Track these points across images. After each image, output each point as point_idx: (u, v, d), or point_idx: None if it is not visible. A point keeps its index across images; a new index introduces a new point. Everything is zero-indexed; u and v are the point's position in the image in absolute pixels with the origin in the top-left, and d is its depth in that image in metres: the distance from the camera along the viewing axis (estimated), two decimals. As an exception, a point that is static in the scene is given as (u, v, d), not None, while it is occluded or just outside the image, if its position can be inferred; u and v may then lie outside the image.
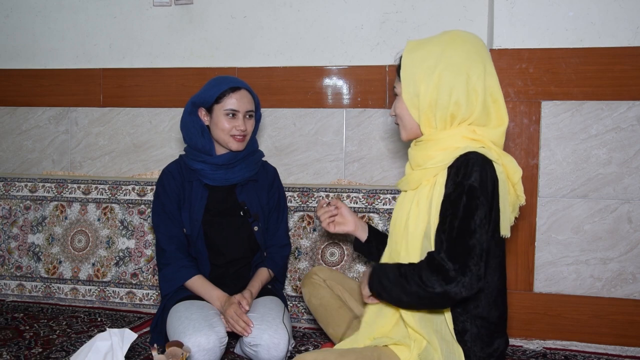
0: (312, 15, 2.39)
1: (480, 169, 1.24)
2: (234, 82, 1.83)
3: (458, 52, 1.31)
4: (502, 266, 1.34)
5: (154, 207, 1.89)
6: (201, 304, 1.75)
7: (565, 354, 1.94)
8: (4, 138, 2.77)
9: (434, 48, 1.33)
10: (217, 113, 1.81)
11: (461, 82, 1.29)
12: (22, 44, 2.71)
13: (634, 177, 1.98)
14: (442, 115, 1.32)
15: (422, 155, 1.36)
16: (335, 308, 1.67)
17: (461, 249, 1.19)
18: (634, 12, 1.95)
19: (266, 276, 1.87)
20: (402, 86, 1.36)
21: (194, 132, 1.84)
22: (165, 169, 1.93)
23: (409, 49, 1.37)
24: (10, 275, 2.49)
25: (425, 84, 1.31)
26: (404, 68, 1.36)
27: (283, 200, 2.01)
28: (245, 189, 1.90)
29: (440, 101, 1.31)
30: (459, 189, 1.24)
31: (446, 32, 1.39)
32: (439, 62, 1.30)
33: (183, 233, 1.85)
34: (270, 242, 1.94)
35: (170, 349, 1.34)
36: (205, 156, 1.84)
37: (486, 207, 1.23)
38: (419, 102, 1.33)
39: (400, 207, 1.42)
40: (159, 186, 1.89)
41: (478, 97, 1.30)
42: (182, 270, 1.80)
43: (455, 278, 1.17)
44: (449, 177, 1.28)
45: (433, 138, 1.34)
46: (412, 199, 1.37)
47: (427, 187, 1.34)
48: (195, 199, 1.85)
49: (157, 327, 1.83)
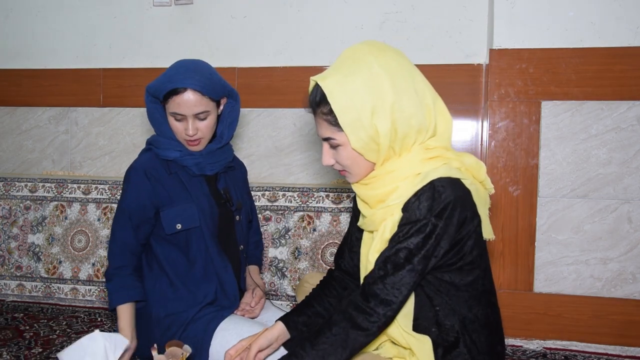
0: (312, 15, 2.39)
1: (452, 199, 1.15)
2: (180, 81, 1.57)
3: (392, 69, 1.19)
4: (487, 268, 1.31)
5: (117, 211, 1.67)
6: (244, 319, 1.65)
7: (565, 354, 1.94)
8: (4, 138, 2.77)
9: (363, 75, 1.18)
10: (167, 112, 1.64)
11: (414, 102, 1.19)
12: (22, 44, 2.71)
13: (634, 177, 1.98)
14: (402, 145, 1.21)
15: (382, 192, 1.24)
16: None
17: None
18: (634, 12, 1.95)
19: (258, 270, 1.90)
20: (348, 136, 1.20)
21: (160, 119, 1.67)
22: (135, 165, 1.68)
23: (332, 92, 1.18)
24: (10, 275, 2.49)
25: (382, 123, 1.18)
26: (343, 116, 1.18)
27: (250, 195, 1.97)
28: (225, 176, 1.78)
29: (400, 132, 1.19)
30: (424, 222, 1.16)
31: (350, 53, 1.23)
32: (382, 91, 1.17)
33: (139, 242, 1.67)
34: (251, 238, 1.94)
35: (170, 349, 1.34)
36: (180, 144, 1.67)
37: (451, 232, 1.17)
38: (378, 145, 1.20)
39: (366, 248, 1.32)
40: (125, 185, 1.67)
41: (430, 108, 1.22)
42: (120, 291, 1.62)
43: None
44: (409, 205, 1.18)
45: (390, 170, 1.23)
46: (376, 235, 1.26)
47: (388, 220, 1.23)
48: (194, 189, 1.68)
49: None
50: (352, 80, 1.18)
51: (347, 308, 1.21)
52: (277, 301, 2.23)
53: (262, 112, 2.47)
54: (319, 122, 1.26)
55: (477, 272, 1.25)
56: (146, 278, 1.69)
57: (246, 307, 1.70)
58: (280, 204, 2.30)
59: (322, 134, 1.26)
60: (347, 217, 2.22)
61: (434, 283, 1.24)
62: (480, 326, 1.26)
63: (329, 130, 1.24)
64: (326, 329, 1.20)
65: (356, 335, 1.18)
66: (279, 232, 2.27)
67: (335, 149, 1.26)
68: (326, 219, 2.24)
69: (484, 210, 1.26)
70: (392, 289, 1.17)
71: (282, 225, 2.28)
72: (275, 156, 2.45)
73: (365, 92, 1.18)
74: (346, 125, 1.19)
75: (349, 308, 1.20)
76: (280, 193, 2.32)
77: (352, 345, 1.19)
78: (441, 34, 2.26)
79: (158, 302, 1.65)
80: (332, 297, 1.46)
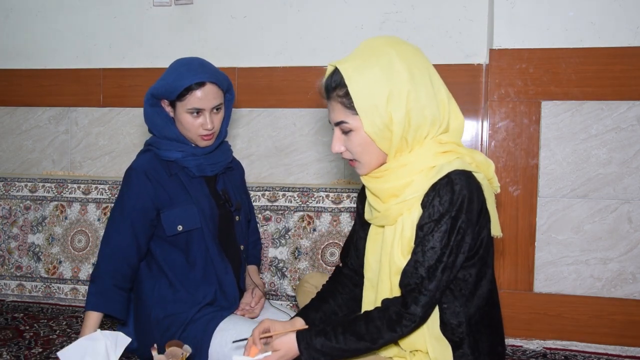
0: (312, 15, 2.39)
1: (467, 191, 1.16)
2: (197, 75, 1.57)
3: (410, 60, 1.19)
4: (493, 266, 1.31)
5: (113, 210, 1.64)
6: (241, 317, 1.65)
7: (565, 354, 1.94)
8: (4, 138, 2.77)
9: (381, 63, 1.19)
10: (180, 110, 1.61)
11: (429, 94, 1.20)
12: (22, 44, 2.71)
13: (634, 177, 1.98)
14: (415, 136, 1.20)
15: (396, 185, 1.22)
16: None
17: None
18: (634, 12, 1.94)
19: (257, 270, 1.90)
20: (362, 120, 1.20)
21: (161, 123, 1.66)
22: (134, 166, 1.65)
23: (350, 76, 1.19)
24: (10, 275, 2.49)
25: (397, 110, 1.17)
26: (360, 100, 1.18)
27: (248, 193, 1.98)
28: (224, 177, 1.77)
29: (413, 122, 1.19)
30: (446, 217, 1.16)
31: (369, 43, 1.25)
32: (399, 80, 1.18)
33: (138, 247, 1.63)
34: (250, 237, 1.94)
35: (170, 349, 1.34)
36: (182, 145, 1.66)
37: (472, 228, 1.18)
38: (391, 133, 1.19)
39: (375, 244, 1.31)
40: (125, 187, 1.64)
41: (444, 104, 1.22)
42: (98, 298, 1.58)
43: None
44: (430, 200, 1.18)
45: (403, 163, 1.22)
46: (392, 233, 1.25)
47: (406, 216, 1.22)
48: (194, 190, 1.66)
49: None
50: (371, 67, 1.19)
51: (387, 309, 1.21)
52: (277, 301, 2.23)
53: (262, 112, 2.47)
54: (333, 105, 1.25)
55: (485, 269, 1.26)
56: (145, 279, 1.69)
57: (246, 307, 1.70)
58: (280, 204, 2.30)
59: (335, 118, 1.25)
60: (347, 217, 2.22)
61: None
62: (484, 326, 1.26)
63: (342, 113, 1.23)
64: (362, 322, 1.22)
65: (390, 337, 1.20)
66: (279, 232, 2.27)
67: (347, 135, 1.24)
68: (326, 219, 2.24)
69: (492, 206, 1.27)
70: (428, 292, 1.18)
71: (282, 225, 2.28)
72: (275, 156, 2.45)
73: (383, 79, 1.18)
74: (361, 109, 1.19)
75: (389, 310, 1.21)
76: (280, 193, 2.32)
77: (382, 344, 1.21)
78: (441, 34, 2.26)
79: (157, 304, 1.64)
80: (345, 294, 1.46)
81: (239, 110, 2.48)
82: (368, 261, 1.35)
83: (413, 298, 1.18)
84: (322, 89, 1.29)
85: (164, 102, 1.65)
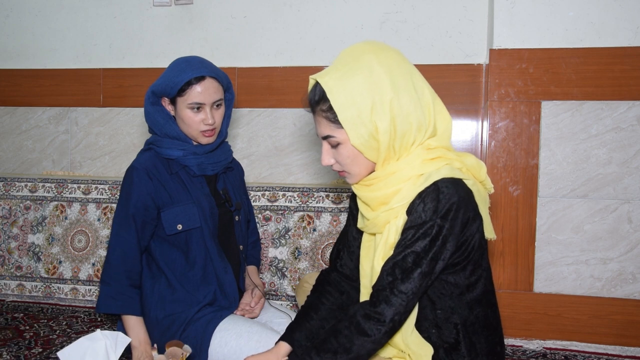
0: (312, 15, 2.39)
1: (455, 199, 1.15)
2: (197, 69, 1.59)
3: (391, 67, 1.18)
4: (488, 268, 1.31)
5: (118, 210, 1.64)
6: (242, 318, 1.65)
7: (565, 354, 1.94)
8: (4, 138, 2.77)
9: (362, 73, 1.18)
10: (180, 106, 1.61)
11: (413, 100, 1.18)
12: (22, 44, 2.71)
13: (634, 177, 1.98)
14: (402, 143, 1.19)
15: (385, 193, 1.22)
16: None
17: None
18: (634, 12, 1.95)
19: (256, 271, 1.89)
20: (348, 133, 1.19)
21: (162, 121, 1.66)
22: (136, 165, 1.65)
23: (331, 89, 1.18)
24: (10, 275, 2.49)
25: (382, 120, 1.17)
26: (343, 113, 1.17)
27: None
28: (224, 177, 1.77)
29: (399, 130, 1.18)
30: (430, 224, 1.15)
31: (349, 52, 1.23)
32: (381, 88, 1.16)
33: (141, 245, 1.65)
34: (249, 237, 1.94)
35: (170, 349, 1.34)
36: (183, 143, 1.66)
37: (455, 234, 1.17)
38: (378, 143, 1.19)
39: (369, 251, 1.31)
40: (127, 185, 1.63)
41: (429, 107, 1.21)
42: (114, 300, 1.59)
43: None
44: (414, 207, 1.17)
45: (391, 171, 1.21)
46: (380, 239, 1.25)
47: (392, 223, 1.22)
48: (195, 189, 1.66)
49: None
50: (352, 77, 1.18)
51: (354, 315, 1.20)
52: (277, 301, 2.23)
53: (262, 112, 2.47)
54: (319, 120, 1.26)
55: (479, 272, 1.25)
56: (145, 279, 1.68)
57: (246, 307, 1.70)
58: (280, 204, 2.30)
59: (322, 133, 1.25)
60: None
61: (438, 286, 1.24)
62: (481, 327, 1.26)
63: (328, 127, 1.23)
64: (332, 337, 1.20)
65: (362, 342, 1.17)
66: (279, 232, 2.27)
67: (336, 148, 1.25)
68: (326, 219, 2.24)
69: (485, 210, 1.26)
70: (400, 294, 1.16)
71: (282, 225, 2.28)
72: (275, 156, 2.45)
73: (365, 89, 1.17)
74: (346, 121, 1.18)
75: (356, 315, 1.19)
76: (280, 193, 2.32)
77: (357, 351, 1.18)
78: (441, 34, 2.26)
79: (157, 304, 1.64)
80: (330, 304, 1.43)
81: (239, 110, 2.48)
82: (363, 267, 1.34)
83: (384, 297, 1.17)
84: (306, 103, 1.29)
85: (164, 100, 1.66)
